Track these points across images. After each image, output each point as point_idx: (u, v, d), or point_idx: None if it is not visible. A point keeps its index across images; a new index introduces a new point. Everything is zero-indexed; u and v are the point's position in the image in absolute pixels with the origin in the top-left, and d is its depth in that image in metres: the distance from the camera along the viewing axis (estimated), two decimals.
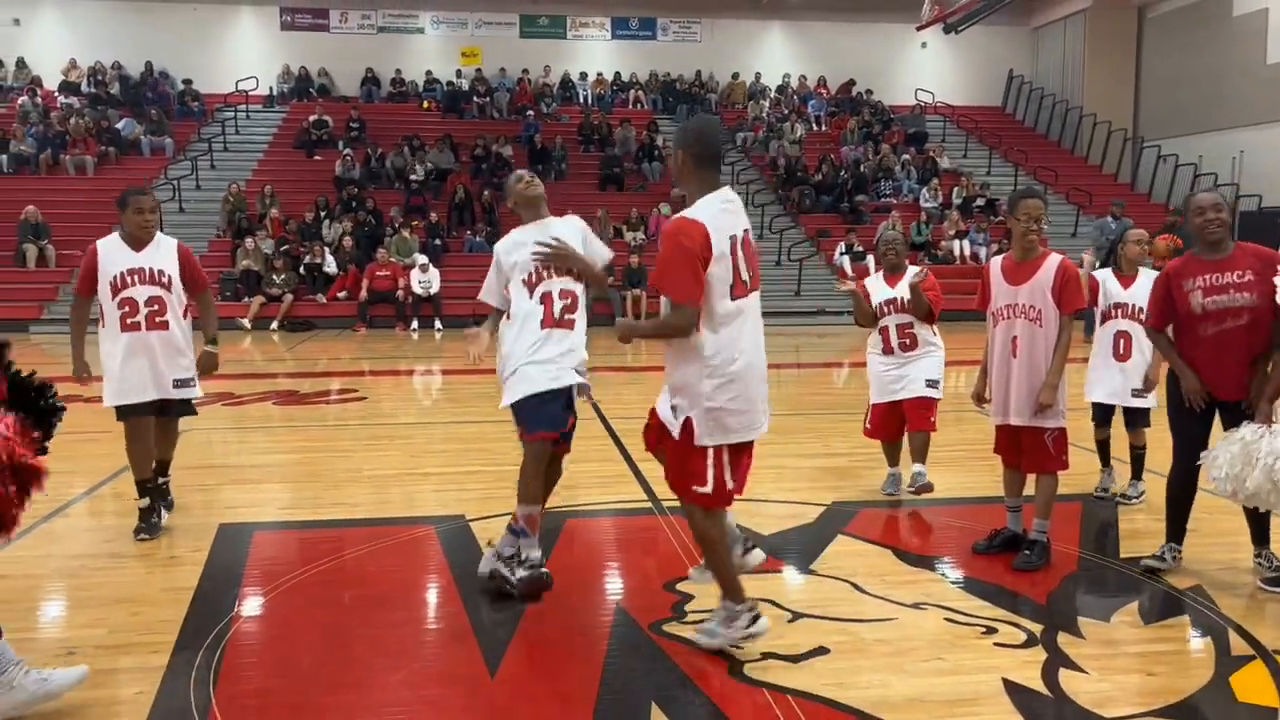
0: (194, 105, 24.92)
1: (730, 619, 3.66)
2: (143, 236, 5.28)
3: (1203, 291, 4.33)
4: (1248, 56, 22.46)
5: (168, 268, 5.29)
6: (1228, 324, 4.29)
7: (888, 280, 5.96)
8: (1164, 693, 3.38)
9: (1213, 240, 4.36)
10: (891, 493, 6.05)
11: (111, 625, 4.01)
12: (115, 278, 5.18)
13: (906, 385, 5.90)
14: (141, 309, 5.19)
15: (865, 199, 22.84)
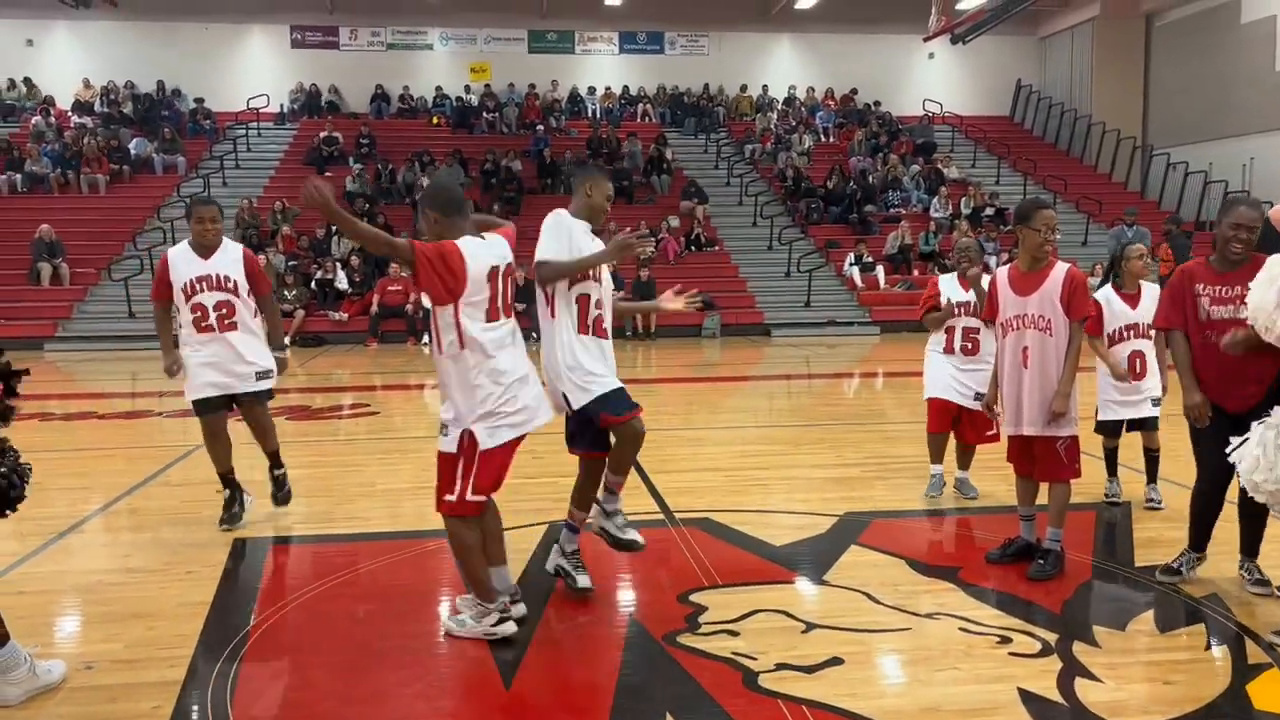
0: (206, 123, 25.11)
1: (481, 614, 3.99)
2: (208, 244, 5.58)
3: (1210, 300, 4.31)
4: (1256, 64, 22.43)
5: (233, 273, 5.58)
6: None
7: (961, 284, 6.00)
8: (1181, 701, 3.37)
9: (1236, 259, 4.28)
10: (934, 495, 6.09)
11: (128, 640, 4.03)
12: (186, 285, 5.52)
13: (966, 395, 5.95)
14: (211, 314, 5.53)
15: (874, 210, 22.86)
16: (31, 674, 3.48)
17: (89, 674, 3.69)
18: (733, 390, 12.46)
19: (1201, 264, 4.44)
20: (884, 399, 12.27)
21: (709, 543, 5.30)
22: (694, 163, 24.96)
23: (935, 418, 6.12)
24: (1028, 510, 4.90)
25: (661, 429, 9.23)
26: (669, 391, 12.08)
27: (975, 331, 5.94)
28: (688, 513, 5.86)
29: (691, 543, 5.29)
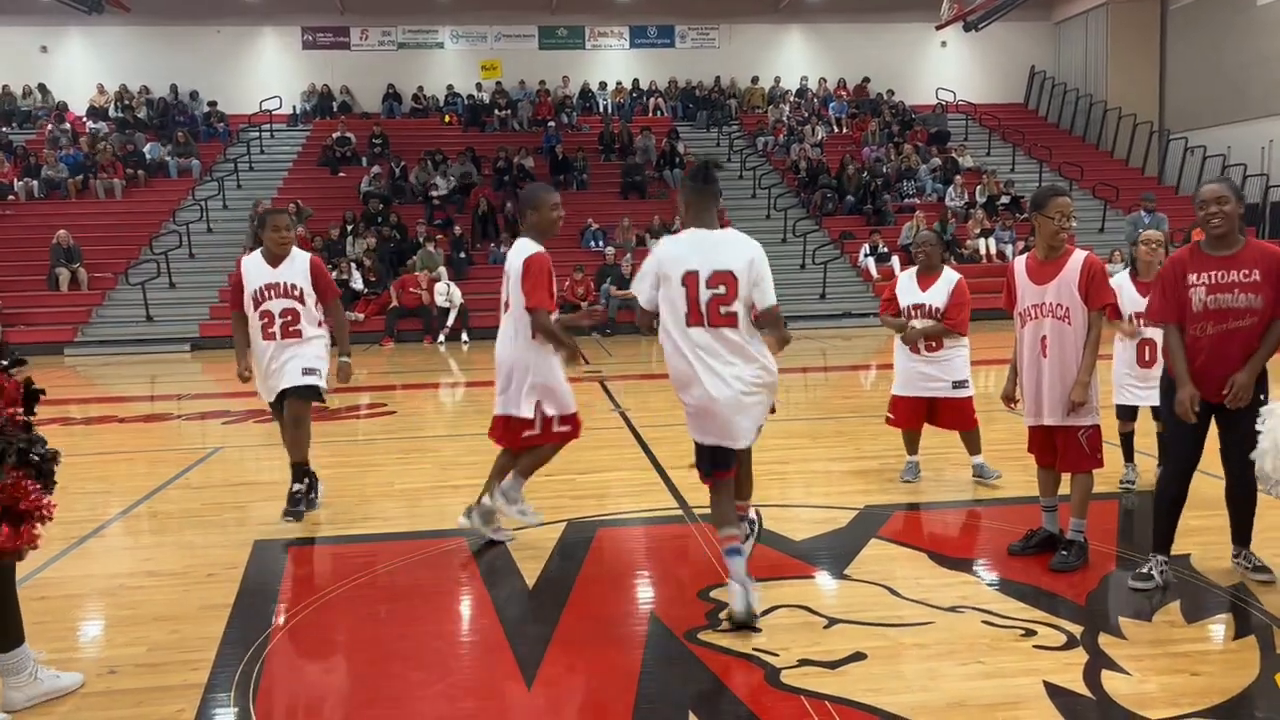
0: (219, 126, 25.22)
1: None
2: (279, 253, 5.74)
3: (1206, 289, 4.13)
4: (1272, 45, 22.18)
5: (300, 281, 5.73)
6: (1229, 324, 4.08)
7: (920, 281, 6.08)
8: (1209, 692, 3.33)
9: (1216, 234, 4.14)
10: (909, 480, 6.26)
11: (151, 643, 4.04)
12: (256, 291, 5.70)
13: (934, 387, 6.12)
14: (277, 320, 5.69)
15: (889, 200, 22.74)
16: (34, 679, 3.46)
17: (113, 678, 3.71)
18: None
19: (1194, 250, 4.25)
20: None
21: None
22: (706, 156, 24.84)
23: (901, 415, 6.31)
24: (1050, 501, 4.86)
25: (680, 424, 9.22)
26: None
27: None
28: (707, 508, 5.82)
29: (711, 539, 5.26)
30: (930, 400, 6.18)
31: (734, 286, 3.92)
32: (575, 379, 5.14)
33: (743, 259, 3.95)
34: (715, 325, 3.94)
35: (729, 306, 3.93)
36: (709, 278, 3.92)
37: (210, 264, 20.22)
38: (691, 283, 3.93)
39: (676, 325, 3.97)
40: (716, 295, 3.92)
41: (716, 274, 3.92)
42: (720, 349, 3.95)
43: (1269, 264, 4.06)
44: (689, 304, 3.94)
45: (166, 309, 18.72)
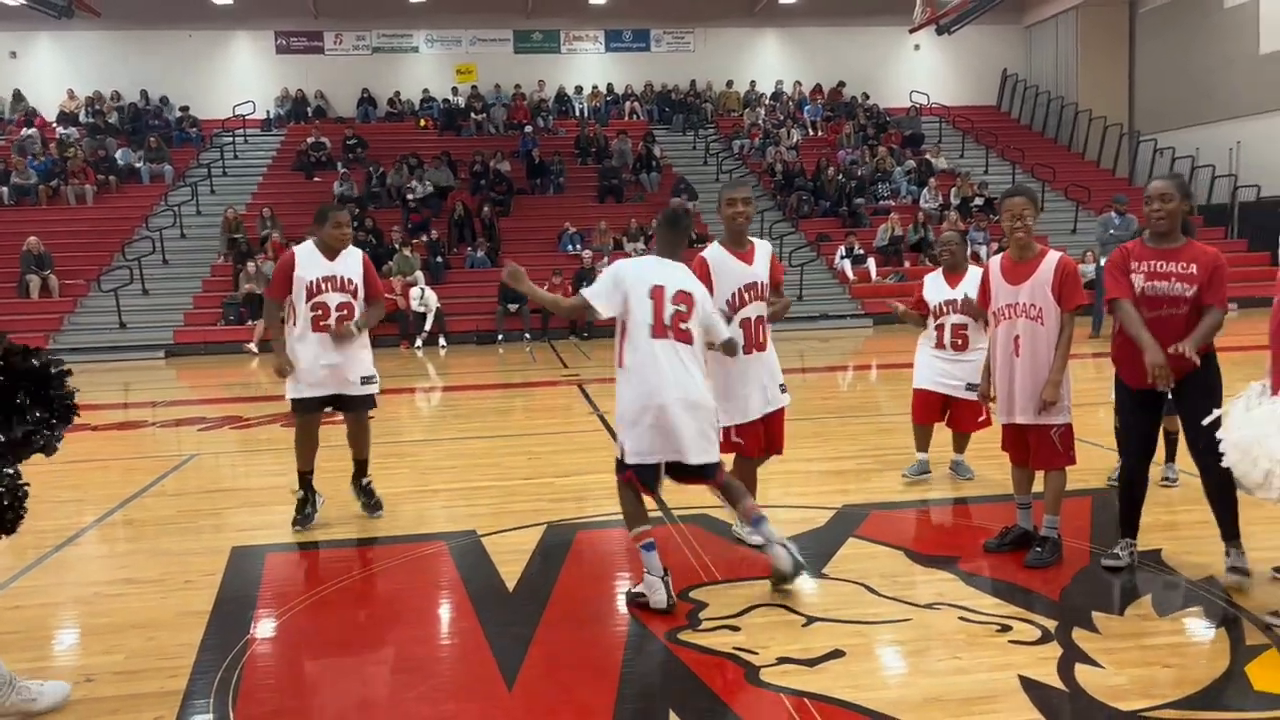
0: (192, 131, 25.04)
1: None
2: (338, 248, 5.74)
3: (1145, 276, 4.28)
4: (1240, 48, 22.51)
5: (355, 276, 5.75)
6: (1164, 311, 4.21)
7: (947, 279, 6.22)
8: (1180, 684, 3.38)
9: (1159, 231, 4.31)
10: (908, 476, 6.33)
11: (128, 651, 4.01)
12: (311, 283, 5.64)
13: (952, 385, 6.21)
14: (332, 313, 5.65)
15: (863, 202, 22.88)
16: (11, 688, 3.43)
17: (90, 686, 3.68)
18: None
19: (1139, 243, 4.44)
20: (878, 391, 12.30)
21: (707, 539, 5.31)
22: (683, 159, 24.97)
23: (920, 409, 6.40)
24: (1024, 498, 4.92)
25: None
26: None
27: (964, 328, 6.20)
28: (686, 509, 5.86)
29: (690, 539, 5.30)
30: (945, 398, 6.26)
31: (692, 308, 4.29)
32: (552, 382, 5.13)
33: (696, 288, 4.38)
34: (677, 339, 4.23)
35: (687, 324, 4.26)
36: (674, 295, 4.26)
37: (184, 270, 20.10)
38: (659, 296, 4.23)
39: (641, 336, 4.21)
40: (679, 311, 4.24)
41: (680, 293, 4.28)
42: (680, 361, 4.22)
43: (1207, 261, 4.21)
44: (655, 316, 4.21)
45: (140, 315, 18.57)
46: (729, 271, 4.88)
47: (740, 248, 4.95)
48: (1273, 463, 3.53)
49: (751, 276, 4.91)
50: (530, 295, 4.53)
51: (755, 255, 4.95)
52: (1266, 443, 3.56)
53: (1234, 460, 3.70)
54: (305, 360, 5.65)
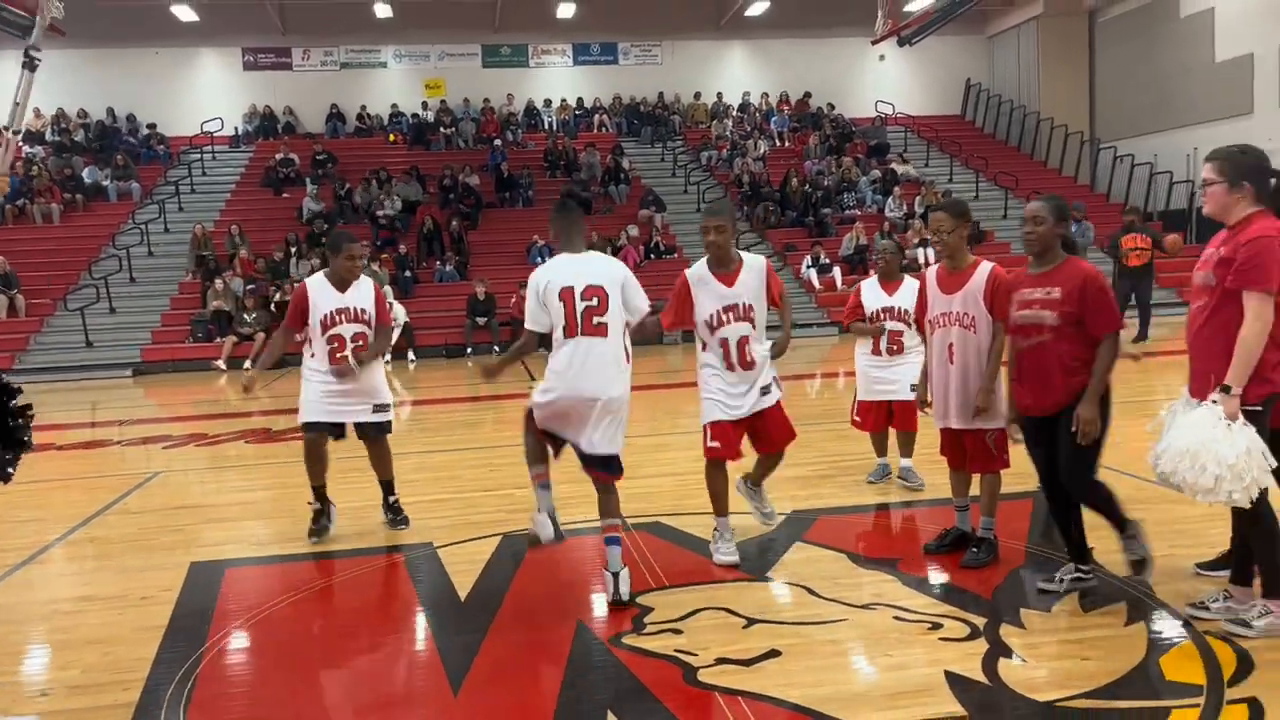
0: (159, 148, 25.00)
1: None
2: (350, 279, 5.85)
3: (1016, 305, 4.38)
4: (1196, 56, 22.97)
5: (368, 306, 5.87)
6: (1034, 339, 4.28)
7: (884, 287, 6.44)
8: (1096, 675, 3.54)
9: (1031, 252, 4.39)
10: (874, 480, 6.55)
11: (84, 666, 4.10)
12: (326, 316, 5.77)
13: (896, 389, 6.42)
14: (348, 344, 5.78)
15: (830, 212, 23.14)
16: None
17: (44, 700, 3.77)
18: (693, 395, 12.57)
19: (1023, 272, 4.48)
20: (838, 399, 12.46)
21: (659, 546, 5.44)
22: (651, 171, 25.16)
23: (867, 419, 6.64)
24: (962, 501, 5.08)
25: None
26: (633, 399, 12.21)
27: (900, 334, 6.43)
28: (640, 518, 5.99)
29: (642, 547, 5.43)
30: (889, 404, 6.47)
31: (605, 300, 4.45)
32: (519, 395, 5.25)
33: (611, 276, 4.54)
34: (588, 334, 4.42)
35: (601, 318, 4.43)
36: (583, 291, 4.44)
37: (151, 288, 20.06)
38: (568, 297, 4.43)
39: (559, 338, 4.45)
40: (590, 307, 4.43)
41: (590, 288, 4.45)
42: (592, 356, 4.42)
43: (1074, 284, 4.20)
44: (567, 317, 4.42)
45: (107, 334, 18.52)
46: (708, 292, 5.03)
47: (723, 269, 5.03)
48: (1222, 468, 3.62)
49: (732, 298, 5.00)
50: (509, 364, 4.78)
51: (739, 276, 5.02)
52: (1214, 448, 3.64)
53: (1182, 468, 3.74)
54: (317, 390, 5.81)
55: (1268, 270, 3.64)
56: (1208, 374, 3.78)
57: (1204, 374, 3.81)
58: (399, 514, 6.14)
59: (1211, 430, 3.66)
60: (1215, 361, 3.75)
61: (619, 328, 4.51)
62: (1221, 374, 3.70)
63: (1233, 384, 3.66)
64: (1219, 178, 3.82)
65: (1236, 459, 3.59)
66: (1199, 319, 3.89)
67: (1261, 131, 20.58)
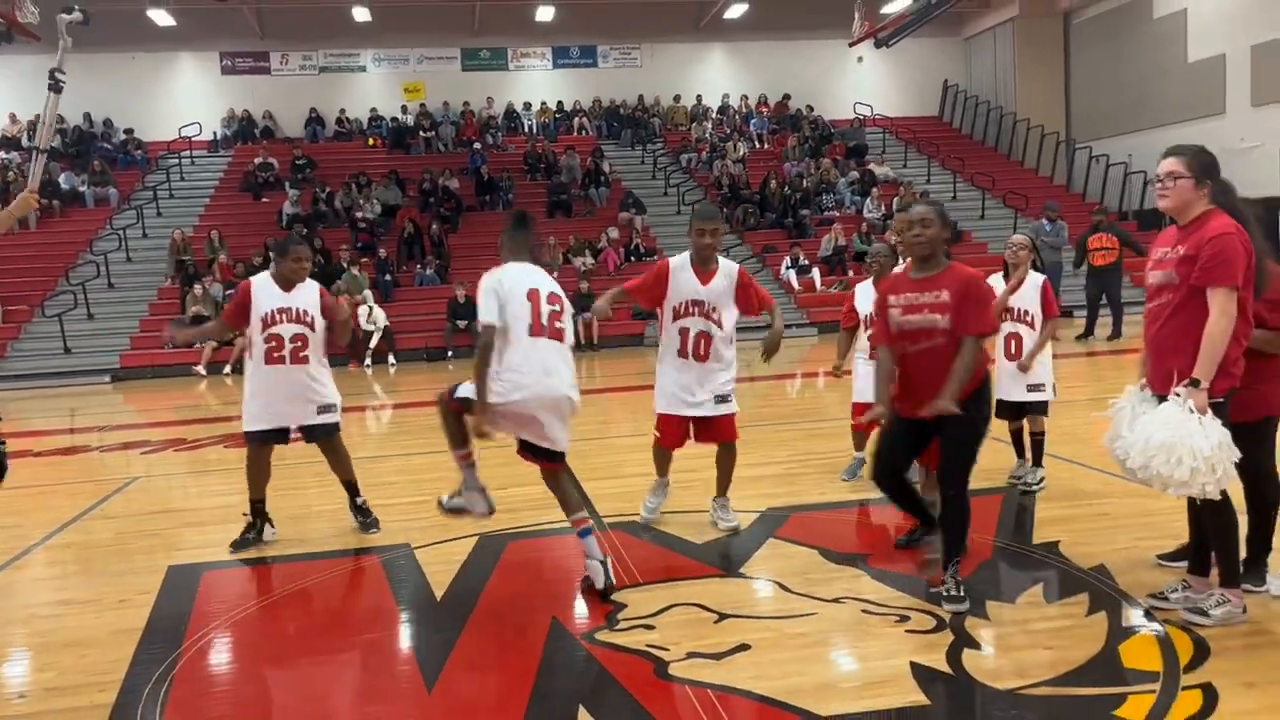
0: (137, 154, 24.89)
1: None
2: (296, 281, 5.86)
3: (901, 310, 4.35)
4: (1169, 57, 23.21)
5: (311, 308, 5.85)
6: (922, 344, 4.29)
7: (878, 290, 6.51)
8: (1056, 664, 3.63)
9: (918, 256, 4.36)
10: (846, 479, 6.68)
11: (61, 668, 4.13)
12: (267, 314, 5.74)
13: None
14: (287, 344, 5.74)
15: (809, 213, 23.27)
16: None
17: (22, 703, 3.80)
18: None
19: (901, 275, 4.52)
20: (815, 398, 12.57)
21: (634, 544, 5.51)
22: (631, 174, 25.23)
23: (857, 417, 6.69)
24: (931, 497, 5.15)
25: (606, 438, 9.44)
26: (613, 400, 12.31)
27: None
28: (616, 517, 6.06)
29: (617, 545, 5.49)
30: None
31: (564, 308, 4.72)
32: None
33: (560, 289, 4.77)
34: (552, 337, 4.59)
35: (561, 323, 4.65)
36: (548, 296, 4.63)
37: (130, 294, 19.98)
38: (535, 298, 4.57)
39: (520, 335, 4.51)
40: (554, 311, 4.63)
41: (553, 294, 4.67)
42: (556, 356, 4.59)
43: (959, 286, 4.26)
44: (533, 316, 4.54)
45: (85, 340, 18.44)
46: (683, 283, 5.51)
47: (704, 267, 5.51)
48: (1198, 460, 3.67)
49: (700, 295, 5.48)
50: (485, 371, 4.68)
51: (714, 278, 5.50)
52: (1189, 442, 3.69)
53: (1156, 462, 3.77)
54: (258, 397, 5.76)
55: (1233, 266, 3.73)
56: (1170, 369, 3.85)
57: (1166, 370, 3.87)
58: (368, 515, 6.13)
59: (1185, 424, 3.72)
60: (1180, 357, 3.82)
61: (570, 336, 4.77)
62: (1186, 369, 3.77)
63: (1201, 378, 3.73)
64: (1187, 172, 3.90)
65: (1211, 451, 3.66)
66: (1160, 316, 3.95)
67: (1234, 131, 20.87)
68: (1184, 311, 3.84)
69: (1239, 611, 3.92)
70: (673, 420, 5.67)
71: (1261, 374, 3.98)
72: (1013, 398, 6.19)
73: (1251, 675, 3.46)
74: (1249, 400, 3.89)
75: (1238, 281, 3.73)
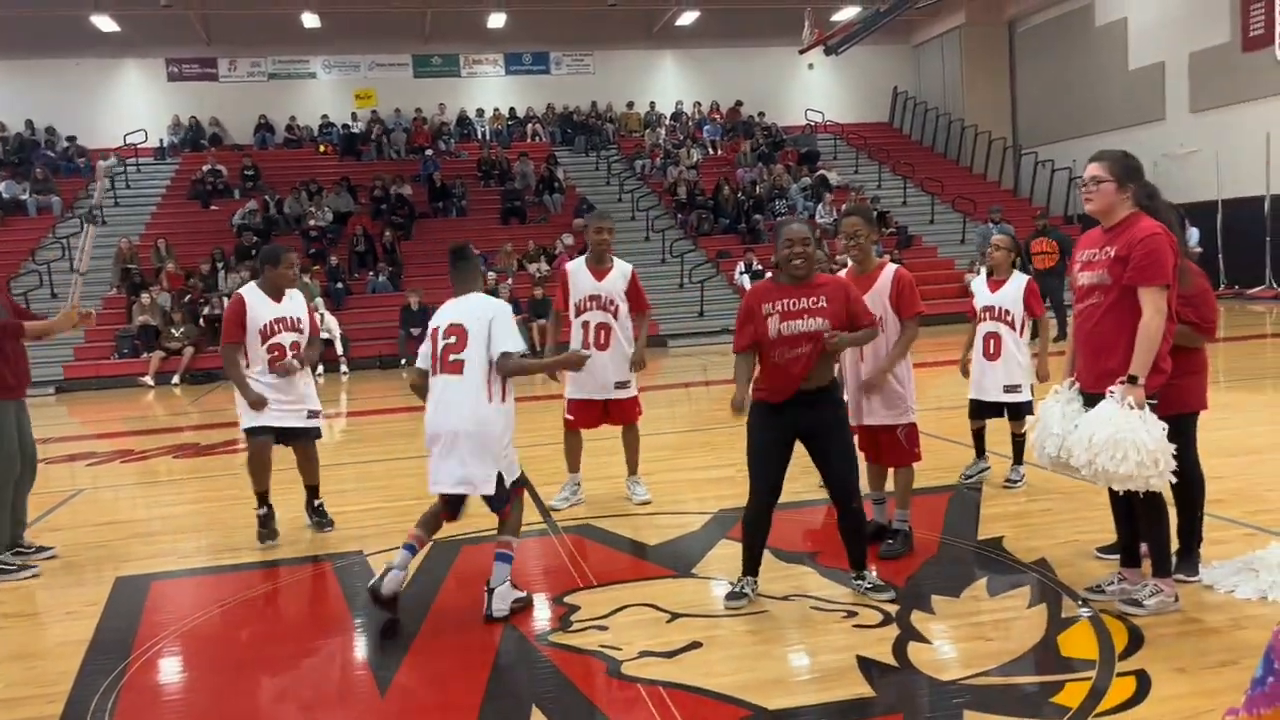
0: (80, 161, 24.45)
1: None
2: (286, 288, 6.02)
3: (780, 317, 4.32)
4: (1111, 64, 23.76)
5: (302, 315, 6.07)
6: (801, 349, 4.29)
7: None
8: (996, 655, 3.73)
9: (797, 275, 4.38)
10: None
11: (7, 680, 4.07)
12: (265, 326, 5.89)
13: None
14: (288, 353, 5.93)
15: (761, 219, 23.46)
16: None
17: None
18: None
19: (769, 285, 4.51)
20: None
21: (588, 547, 5.55)
22: (585, 180, 25.27)
23: None
24: (878, 494, 5.27)
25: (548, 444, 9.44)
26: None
27: None
28: (570, 521, 6.10)
29: (572, 549, 5.53)
30: None
31: (464, 338, 4.49)
32: None
33: (474, 316, 4.54)
34: (445, 371, 4.51)
35: (456, 355, 4.49)
36: (445, 330, 4.57)
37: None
38: (434, 336, 4.61)
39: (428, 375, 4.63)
40: (448, 344, 4.53)
41: (450, 326, 4.56)
42: (451, 392, 4.49)
43: (833, 288, 4.39)
44: (431, 356, 4.61)
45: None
46: (580, 282, 6.24)
47: (599, 265, 6.25)
48: (1143, 454, 3.76)
49: (598, 290, 6.22)
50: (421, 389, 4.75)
51: (609, 275, 6.24)
52: (1133, 436, 3.77)
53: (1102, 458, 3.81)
54: (263, 395, 5.89)
55: (1164, 266, 3.86)
56: (1105, 368, 3.96)
57: (1101, 368, 3.98)
58: (324, 516, 6.27)
59: (1127, 420, 3.80)
60: (1114, 355, 3.93)
61: (480, 365, 4.48)
62: (1121, 367, 3.88)
63: (1138, 374, 3.84)
64: (1110, 177, 4.02)
65: (1155, 445, 3.77)
66: (1093, 316, 4.04)
67: (1174, 136, 21.43)
68: (1116, 311, 3.96)
69: (1171, 601, 4.04)
70: (582, 404, 6.30)
71: (1181, 369, 4.10)
72: (989, 397, 6.27)
73: (1183, 661, 3.58)
74: (1170, 395, 4.01)
75: (1169, 280, 3.86)
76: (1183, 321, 4.12)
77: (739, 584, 4.49)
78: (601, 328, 6.17)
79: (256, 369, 5.92)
